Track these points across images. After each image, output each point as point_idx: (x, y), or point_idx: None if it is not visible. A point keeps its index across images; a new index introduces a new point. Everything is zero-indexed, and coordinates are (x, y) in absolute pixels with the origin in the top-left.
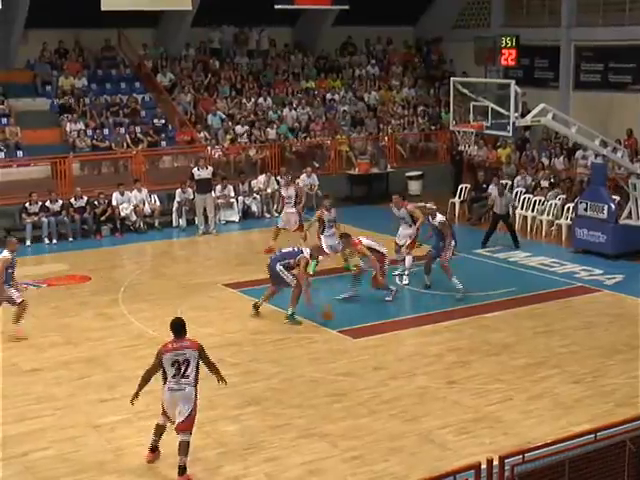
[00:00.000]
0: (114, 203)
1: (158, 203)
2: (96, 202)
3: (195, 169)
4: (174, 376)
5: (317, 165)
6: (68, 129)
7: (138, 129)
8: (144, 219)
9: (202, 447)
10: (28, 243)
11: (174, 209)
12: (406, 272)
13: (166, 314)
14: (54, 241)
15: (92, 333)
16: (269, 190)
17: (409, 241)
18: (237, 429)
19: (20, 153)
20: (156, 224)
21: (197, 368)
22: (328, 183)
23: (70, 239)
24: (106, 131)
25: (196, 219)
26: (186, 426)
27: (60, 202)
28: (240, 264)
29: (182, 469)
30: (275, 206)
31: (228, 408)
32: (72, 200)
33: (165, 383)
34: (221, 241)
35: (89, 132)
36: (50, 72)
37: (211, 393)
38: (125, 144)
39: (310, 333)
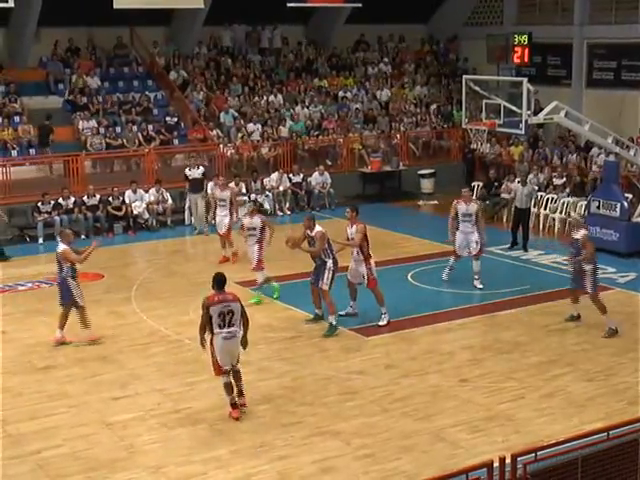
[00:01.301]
0: (127, 201)
1: (170, 201)
2: (109, 199)
3: (187, 169)
4: (221, 326)
5: (329, 163)
6: (81, 127)
7: (150, 127)
8: (157, 217)
9: (214, 445)
10: (40, 241)
11: (186, 207)
12: (477, 276)
13: (178, 312)
14: None
15: (105, 331)
16: (281, 188)
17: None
18: (249, 427)
19: (33, 151)
20: (168, 222)
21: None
22: (340, 181)
23: (82, 237)
24: (118, 129)
25: (192, 219)
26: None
27: (73, 200)
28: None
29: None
30: (287, 204)
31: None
32: (85, 198)
33: (214, 334)
34: (233, 237)
35: (101, 130)
36: (62, 70)
37: (222, 391)
38: (137, 142)
39: (322, 331)
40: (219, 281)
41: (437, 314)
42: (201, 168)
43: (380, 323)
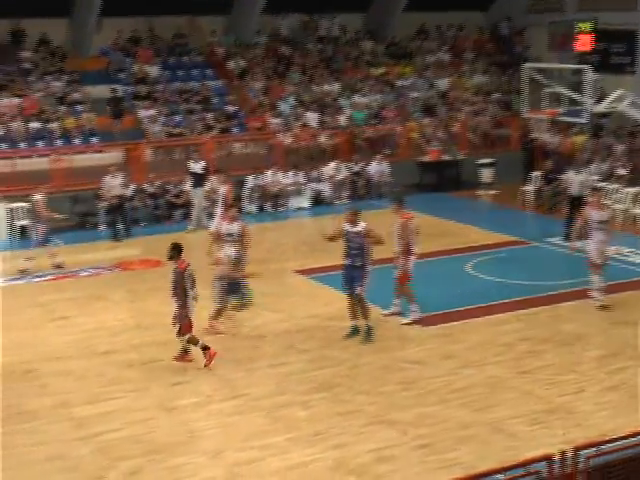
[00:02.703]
0: (186, 189)
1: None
2: (169, 187)
3: (190, 162)
4: (192, 287)
5: (387, 152)
6: (141, 116)
7: (209, 116)
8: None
9: (272, 432)
10: (101, 228)
11: (245, 195)
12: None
13: None
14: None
15: (164, 318)
16: (339, 177)
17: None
18: (306, 415)
19: (95, 139)
20: None
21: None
22: (398, 170)
23: (142, 224)
24: (178, 118)
25: (192, 213)
26: None
27: (133, 187)
28: (310, 250)
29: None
30: (345, 193)
31: (298, 394)
32: (145, 186)
33: (187, 296)
34: (291, 228)
35: (161, 119)
36: (124, 59)
37: (281, 379)
38: (197, 130)
39: (380, 321)
40: (180, 249)
41: (496, 305)
42: (202, 162)
43: (404, 321)
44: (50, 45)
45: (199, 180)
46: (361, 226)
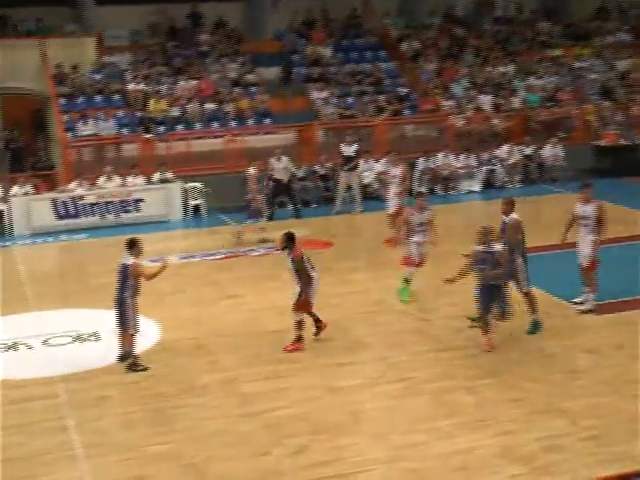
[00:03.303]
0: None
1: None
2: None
3: (342, 145)
4: (314, 268)
5: (562, 135)
6: (314, 97)
7: (382, 97)
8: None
9: (437, 416)
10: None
11: (415, 177)
12: None
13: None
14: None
15: (333, 298)
16: (512, 160)
17: None
18: (473, 400)
19: (268, 120)
20: None
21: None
22: (573, 154)
23: (313, 205)
24: (350, 99)
25: (337, 196)
26: None
27: (304, 169)
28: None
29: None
30: (517, 177)
31: (465, 379)
32: (316, 167)
33: (311, 277)
34: (461, 211)
35: (334, 100)
36: (297, 41)
37: (449, 363)
38: (369, 112)
39: (551, 307)
40: (293, 238)
41: None
42: (355, 145)
43: (580, 307)
44: (226, 28)
45: (351, 163)
46: (511, 217)
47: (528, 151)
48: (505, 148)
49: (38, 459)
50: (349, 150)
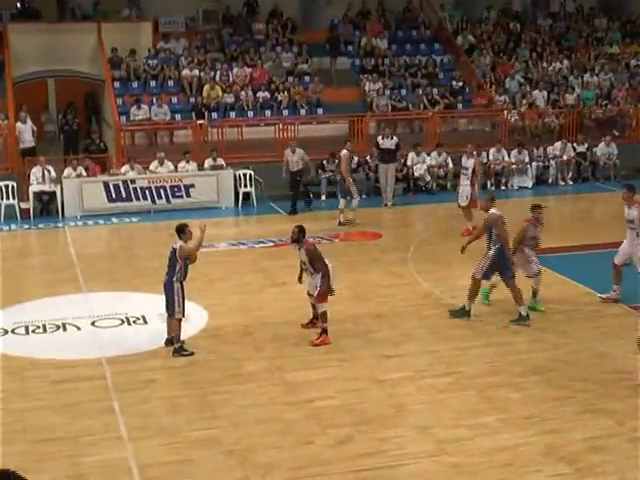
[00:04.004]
0: (409, 163)
1: (452, 165)
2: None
3: (379, 137)
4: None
5: (617, 134)
6: (367, 89)
7: (435, 91)
8: (437, 180)
9: (483, 412)
10: (323, 198)
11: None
12: None
13: (455, 276)
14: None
15: (381, 290)
16: (565, 157)
17: None
18: (519, 397)
19: (320, 111)
20: (448, 186)
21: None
22: (627, 153)
23: (363, 196)
24: (404, 92)
25: (382, 189)
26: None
27: (356, 160)
28: None
29: None
30: (570, 174)
31: (512, 375)
32: (367, 158)
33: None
34: (512, 206)
35: (387, 92)
36: (352, 32)
37: (496, 359)
38: (422, 105)
39: (601, 306)
40: (304, 231)
41: None
42: (394, 139)
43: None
44: (281, 17)
45: (389, 156)
46: (490, 212)
47: (581, 149)
48: (558, 145)
49: (83, 439)
50: (388, 143)
